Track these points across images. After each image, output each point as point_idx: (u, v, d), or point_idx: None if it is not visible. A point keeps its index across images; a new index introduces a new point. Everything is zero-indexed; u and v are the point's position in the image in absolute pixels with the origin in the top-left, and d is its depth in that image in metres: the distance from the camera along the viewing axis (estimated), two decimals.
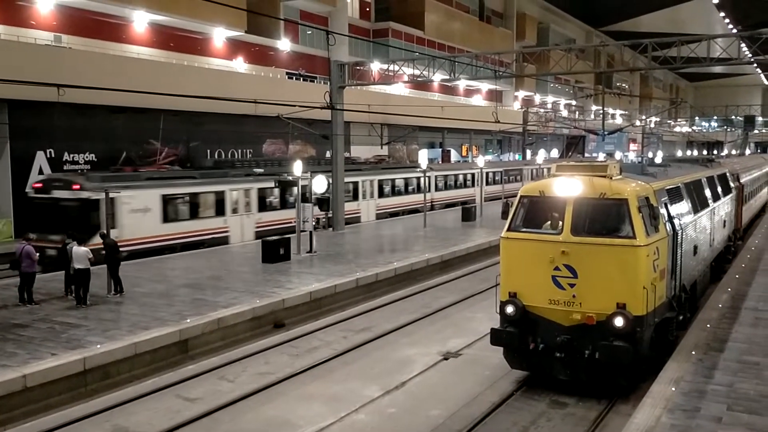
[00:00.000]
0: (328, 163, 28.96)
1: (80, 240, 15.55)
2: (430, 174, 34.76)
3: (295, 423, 10.16)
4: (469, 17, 61.77)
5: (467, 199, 39.81)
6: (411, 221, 31.51)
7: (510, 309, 10.78)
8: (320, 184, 23.77)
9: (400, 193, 35.29)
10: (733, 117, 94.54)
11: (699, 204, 14.67)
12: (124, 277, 16.58)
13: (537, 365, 10.89)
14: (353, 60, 34.99)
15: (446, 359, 12.99)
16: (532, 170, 50.22)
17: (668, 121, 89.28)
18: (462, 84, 61.50)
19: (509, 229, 11.08)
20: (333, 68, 28.17)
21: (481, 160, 38.16)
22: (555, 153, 69.87)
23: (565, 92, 79.33)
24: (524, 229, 10.95)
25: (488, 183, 43.78)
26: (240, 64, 40.38)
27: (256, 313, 14.82)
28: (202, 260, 20.96)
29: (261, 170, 26.58)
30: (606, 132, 33.40)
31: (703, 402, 8.99)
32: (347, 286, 17.69)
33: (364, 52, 46.96)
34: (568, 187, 10.58)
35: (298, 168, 22.04)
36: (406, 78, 33.38)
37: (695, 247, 13.66)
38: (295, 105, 23.17)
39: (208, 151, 35.49)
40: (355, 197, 31.75)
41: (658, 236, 10.60)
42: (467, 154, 58.33)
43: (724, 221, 18.50)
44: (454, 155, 55.48)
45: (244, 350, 13.68)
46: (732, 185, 20.82)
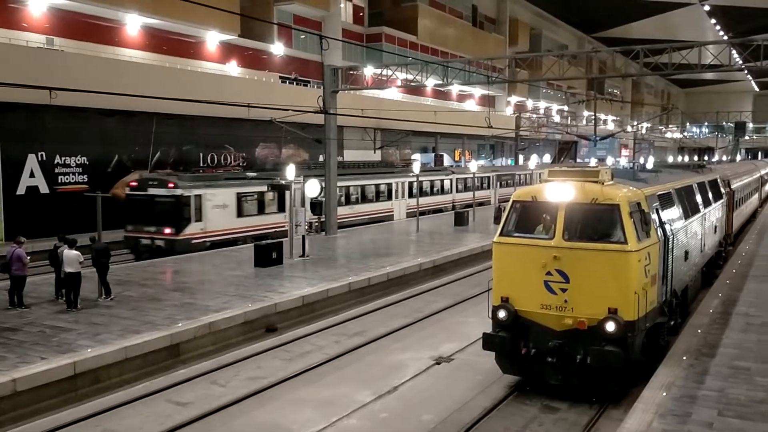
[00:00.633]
0: (339, 167, 30.30)
1: (178, 228, 18.77)
2: (452, 177, 38.88)
3: (287, 428, 10.13)
4: (462, 23, 61.97)
5: (484, 200, 41.84)
6: (403, 226, 31.53)
7: (502, 314, 10.79)
8: (313, 189, 23.76)
9: (427, 194, 38.33)
10: (724, 123, 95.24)
11: (690, 210, 14.74)
12: (118, 281, 16.48)
13: (529, 370, 10.90)
14: (347, 64, 35.05)
15: (438, 364, 12.98)
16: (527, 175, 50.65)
17: (660, 127, 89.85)
18: (455, 89, 61.66)
19: (501, 234, 11.10)
20: (326, 72, 28.19)
21: (474, 165, 38.31)
22: (547, 158, 70.13)
23: (558, 98, 79.63)
24: (516, 234, 10.97)
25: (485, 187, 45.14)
26: (233, 68, 40.35)
27: (248, 318, 14.77)
28: (195, 264, 20.89)
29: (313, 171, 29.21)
30: (598, 138, 33.56)
31: (694, 407, 9.01)
32: (340, 291, 17.67)
33: (358, 57, 47.02)
34: (560, 193, 10.61)
35: (291, 172, 22.00)
36: (399, 83, 33.43)
37: (686, 253, 13.72)
38: (289, 109, 23.19)
39: (201, 155, 35.41)
40: (389, 197, 34.56)
41: (650, 242, 10.64)
42: (460, 159, 58.45)
43: (715, 227, 18.60)
44: (447, 160, 55.57)
45: (236, 354, 13.62)
46: (723, 191, 20.94)
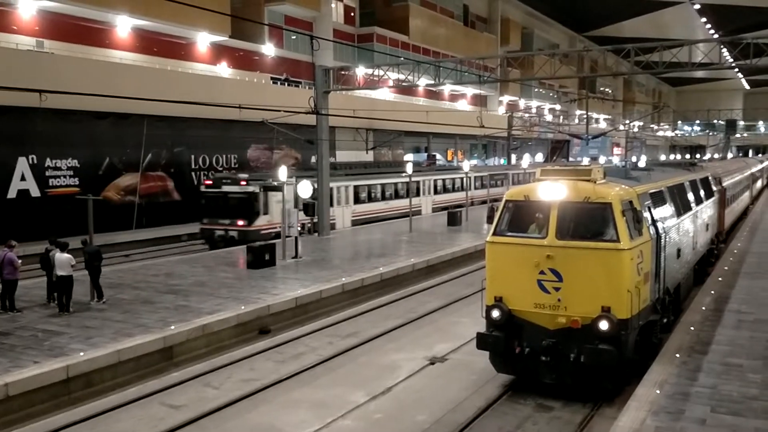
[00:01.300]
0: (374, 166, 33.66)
1: (249, 220, 22.89)
2: (470, 175, 41.59)
3: (281, 429, 10.11)
4: (454, 22, 62.07)
5: (497, 197, 42.23)
6: (397, 226, 31.55)
7: (496, 313, 10.81)
8: (305, 190, 23.71)
9: (449, 191, 41.13)
10: (715, 121, 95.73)
11: (682, 207, 14.81)
12: (110, 284, 16.42)
13: (523, 369, 10.92)
14: (338, 65, 35.01)
15: (432, 364, 12.99)
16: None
17: (651, 126, 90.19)
18: (447, 89, 61.74)
19: (494, 234, 11.12)
20: (318, 73, 28.17)
21: (467, 165, 38.33)
22: (540, 157, 70.27)
23: (550, 97, 79.86)
24: (509, 234, 10.99)
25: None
26: (224, 69, 40.28)
27: (241, 320, 14.75)
28: (187, 266, 20.85)
29: (355, 172, 33.43)
30: (590, 136, 33.69)
31: (687, 404, 9.06)
32: (333, 292, 17.66)
33: (349, 57, 47.02)
34: (553, 192, 10.64)
35: (283, 173, 21.98)
36: (391, 83, 33.44)
37: (678, 251, 13.78)
38: (280, 110, 23.17)
39: (192, 157, 35.33)
40: (417, 194, 37.08)
41: (642, 240, 10.68)
42: (453, 159, 58.55)
43: (707, 224, 18.69)
44: (440, 161, 55.67)
45: (230, 357, 13.60)
46: (714, 189, 21.05)
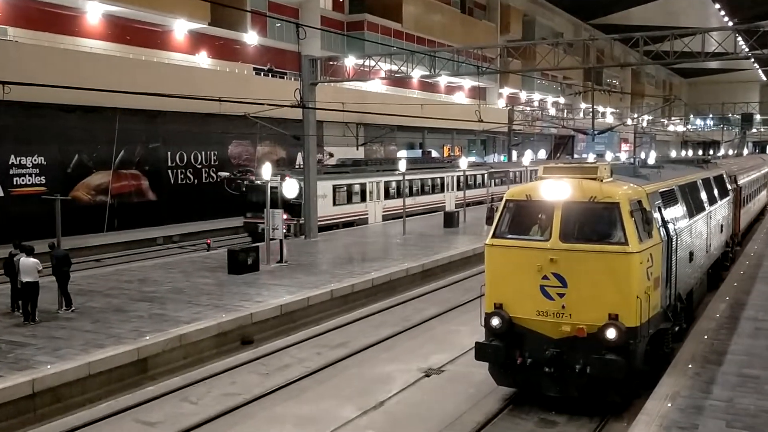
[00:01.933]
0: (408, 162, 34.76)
1: (292, 215, 26.10)
2: (491, 171, 46.27)
3: None
4: (450, 9, 62.11)
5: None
6: (388, 228, 31.55)
7: (495, 321, 10.82)
8: (291, 189, 23.70)
9: (471, 187, 43.73)
10: (730, 115, 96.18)
11: (695, 208, 14.88)
12: (79, 291, 16.32)
13: (524, 381, 10.94)
14: (326, 55, 35.00)
15: (428, 376, 13.00)
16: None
17: (662, 120, 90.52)
18: (443, 81, 61.81)
19: (494, 236, 11.14)
20: (304, 63, 28.14)
21: (464, 162, 38.35)
22: (542, 154, 70.41)
23: (553, 89, 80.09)
24: (510, 236, 11.01)
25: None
26: (203, 59, 40.18)
27: (222, 329, 14.71)
28: (164, 271, 20.78)
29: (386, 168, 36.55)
30: (596, 131, 33.77)
31: (701, 418, 9.09)
32: (321, 299, 17.65)
33: (338, 47, 47.00)
34: (556, 191, 10.67)
35: (267, 171, 21.93)
36: (383, 74, 33.41)
37: (691, 254, 13.85)
38: (264, 103, 23.06)
39: (169, 154, 35.23)
40: (442, 190, 40.60)
41: (652, 242, 10.73)
42: (449, 155, 58.64)
43: (721, 226, 18.79)
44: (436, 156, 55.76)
45: (209, 369, 13.56)
46: (729, 187, 21.15)
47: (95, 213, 31.43)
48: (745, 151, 79.05)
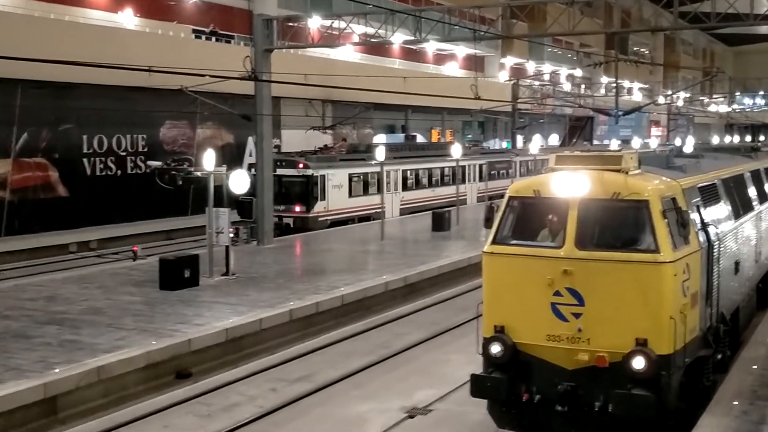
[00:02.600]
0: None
1: (308, 207, 31.77)
2: (517, 160, 51.19)
3: None
4: None
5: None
6: (364, 231, 31.57)
7: (496, 348, 10.85)
8: (240, 183, 23.51)
9: (494, 178, 47.78)
10: None
11: (742, 207, 15.05)
12: None
13: (532, 422, 10.98)
14: (284, 14, 34.89)
15: (411, 417, 13.02)
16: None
17: (701, 98, 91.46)
18: (431, 48, 61.95)
19: (495, 242, 11.17)
20: (256, 25, 28.08)
21: (458, 150, 38.56)
22: (554, 140, 70.90)
23: (567, 59, 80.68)
24: (514, 242, 11.04)
25: None
26: (128, 19, 39.89)
27: (152, 359, 14.63)
28: (76, 286, 20.60)
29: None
30: (620, 112, 34.07)
31: None
32: (278, 321, 17.62)
33: (300, 4, 46.87)
34: (571, 185, 10.72)
35: (210, 160, 21.79)
36: (356, 39, 33.42)
37: (737, 264, 14.00)
38: (205, 74, 22.95)
39: (85, 138, 34.94)
40: (463, 180, 42.71)
41: (689, 249, 10.82)
42: (439, 140, 58.84)
43: None
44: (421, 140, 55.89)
45: (136, 410, 13.46)
46: None
47: None
48: None
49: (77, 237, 31.34)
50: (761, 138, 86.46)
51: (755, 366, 12.87)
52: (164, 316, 17.19)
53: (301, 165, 33.04)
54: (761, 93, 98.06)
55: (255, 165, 28.58)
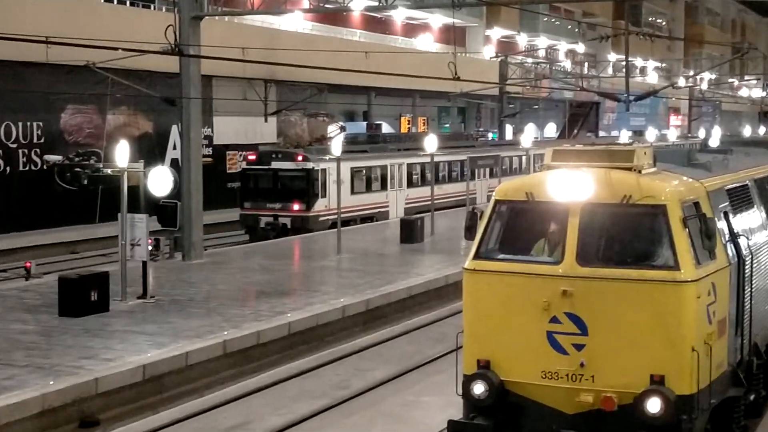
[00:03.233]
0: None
1: (308, 205, 32.96)
2: (530, 153, 51.50)
3: None
4: None
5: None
6: (319, 243, 31.56)
7: (480, 388, 10.87)
8: (161, 182, 23.38)
9: (506, 174, 48.31)
10: None
11: None
12: None
13: None
14: None
15: None
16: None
17: (730, 80, 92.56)
18: (399, 15, 62.12)
19: (478, 257, 11.19)
20: None
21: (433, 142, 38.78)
22: (551, 130, 71.40)
23: (567, 31, 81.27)
24: (501, 256, 11.08)
25: None
26: None
27: (50, 403, 14.49)
28: None
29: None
30: (632, 97, 34.42)
31: None
32: (208, 354, 17.56)
33: None
34: (572, 187, 10.77)
35: (123, 153, 21.68)
36: (307, 4, 33.41)
37: None
38: (118, 48, 22.89)
39: None
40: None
41: (715, 266, 10.91)
42: (409, 130, 59.01)
43: None
44: (387, 130, 56.00)
45: None
46: None
47: None
48: None
49: None
50: None
51: None
52: (64, 350, 17.05)
53: (300, 157, 35.34)
54: None
55: (180, 160, 28.41)
